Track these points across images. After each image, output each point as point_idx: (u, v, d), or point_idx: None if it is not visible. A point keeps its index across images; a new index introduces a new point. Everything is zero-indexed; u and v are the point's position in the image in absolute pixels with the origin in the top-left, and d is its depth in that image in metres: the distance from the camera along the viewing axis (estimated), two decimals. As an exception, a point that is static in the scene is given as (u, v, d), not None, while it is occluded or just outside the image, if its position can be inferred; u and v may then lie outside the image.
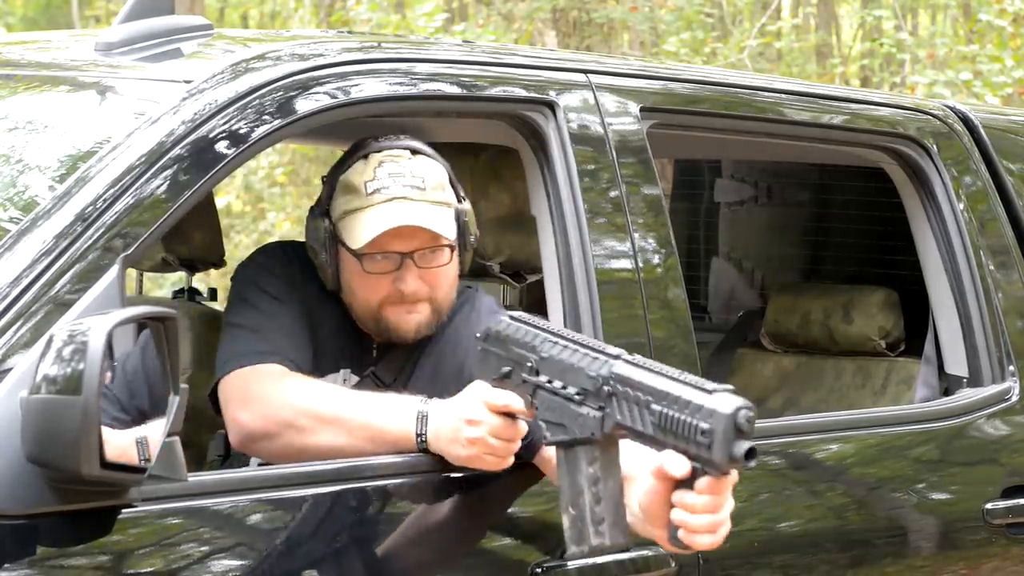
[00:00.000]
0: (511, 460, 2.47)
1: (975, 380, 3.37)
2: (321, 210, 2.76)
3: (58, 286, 2.26)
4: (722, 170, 4.41)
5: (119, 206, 2.35)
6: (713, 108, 3.19)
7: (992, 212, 3.49)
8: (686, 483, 2.23)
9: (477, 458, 2.46)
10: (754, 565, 2.87)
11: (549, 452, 2.45)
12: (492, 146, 3.06)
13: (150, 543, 2.24)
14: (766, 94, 3.33)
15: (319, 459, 2.49)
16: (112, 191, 2.36)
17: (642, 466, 2.34)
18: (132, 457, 2.20)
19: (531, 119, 2.86)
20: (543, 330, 2.45)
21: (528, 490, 2.63)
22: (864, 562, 3.03)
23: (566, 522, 2.34)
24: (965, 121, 3.58)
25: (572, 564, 2.58)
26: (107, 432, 2.15)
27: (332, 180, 2.76)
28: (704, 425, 2.15)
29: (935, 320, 3.47)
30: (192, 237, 3.27)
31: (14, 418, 2.11)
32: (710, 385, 2.18)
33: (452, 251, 2.74)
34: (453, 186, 2.78)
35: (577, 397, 2.34)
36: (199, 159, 2.45)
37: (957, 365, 3.41)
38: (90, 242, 2.30)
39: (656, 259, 2.91)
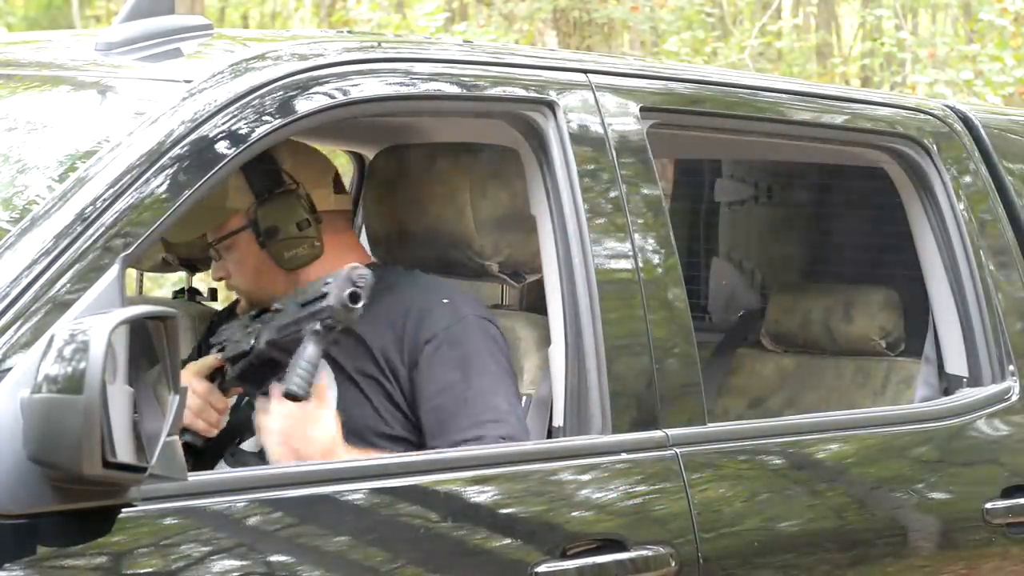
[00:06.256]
0: (213, 412, 2.84)
1: (975, 380, 3.37)
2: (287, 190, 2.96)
3: (58, 286, 2.25)
4: (722, 170, 4.40)
5: (119, 206, 2.35)
6: (713, 108, 3.18)
7: (992, 212, 3.49)
8: None
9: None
10: (754, 565, 2.86)
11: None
12: (492, 146, 3.06)
13: (150, 543, 2.24)
14: (766, 94, 3.33)
15: None
16: (112, 191, 2.36)
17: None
18: None
19: (531, 119, 2.86)
20: None
21: (528, 490, 2.63)
22: (864, 562, 3.03)
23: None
24: (965, 121, 3.57)
25: (572, 564, 2.58)
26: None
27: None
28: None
29: (935, 320, 3.47)
30: (192, 237, 3.27)
31: (14, 418, 2.11)
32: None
33: None
34: None
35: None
36: (199, 159, 2.45)
37: (957, 365, 3.41)
38: (90, 242, 2.30)
39: (656, 259, 2.91)
